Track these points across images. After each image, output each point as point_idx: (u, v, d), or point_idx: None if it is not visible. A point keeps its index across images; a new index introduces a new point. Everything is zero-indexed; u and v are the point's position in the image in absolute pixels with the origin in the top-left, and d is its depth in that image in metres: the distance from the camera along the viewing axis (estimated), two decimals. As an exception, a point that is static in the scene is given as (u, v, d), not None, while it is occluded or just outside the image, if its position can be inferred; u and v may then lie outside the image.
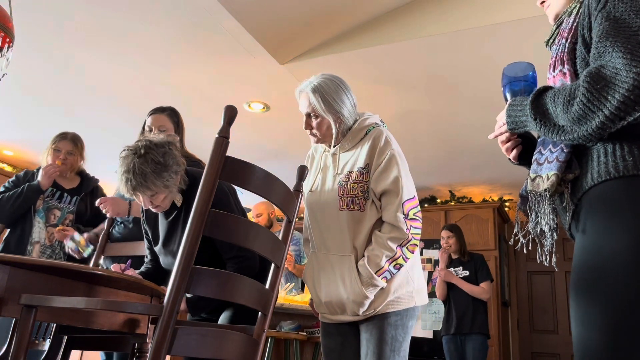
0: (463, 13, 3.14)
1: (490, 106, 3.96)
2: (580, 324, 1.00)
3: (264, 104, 4.18)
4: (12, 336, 1.79)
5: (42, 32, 3.34)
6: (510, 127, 1.20)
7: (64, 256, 2.92)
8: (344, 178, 1.84)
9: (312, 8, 3.20)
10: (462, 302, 4.17)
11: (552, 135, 1.07)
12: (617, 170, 1.00)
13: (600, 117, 0.96)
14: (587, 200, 1.05)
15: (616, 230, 0.97)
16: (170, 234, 1.99)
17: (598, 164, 1.04)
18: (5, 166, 5.93)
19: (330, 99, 1.85)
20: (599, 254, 0.99)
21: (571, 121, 1.01)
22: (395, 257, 1.75)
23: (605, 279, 0.96)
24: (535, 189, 1.15)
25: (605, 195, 1.01)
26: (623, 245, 0.95)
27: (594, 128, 0.98)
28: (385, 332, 1.75)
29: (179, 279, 1.18)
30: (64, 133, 3.05)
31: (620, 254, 0.95)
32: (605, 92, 0.95)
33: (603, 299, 0.96)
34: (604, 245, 0.98)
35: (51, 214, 2.91)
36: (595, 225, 1.02)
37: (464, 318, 4.12)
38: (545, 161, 1.15)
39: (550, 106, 1.05)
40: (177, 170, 1.83)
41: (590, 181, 1.04)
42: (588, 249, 1.02)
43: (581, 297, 1.00)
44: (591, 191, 1.04)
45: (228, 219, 1.29)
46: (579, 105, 0.98)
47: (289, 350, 3.62)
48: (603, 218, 1.01)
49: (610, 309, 0.94)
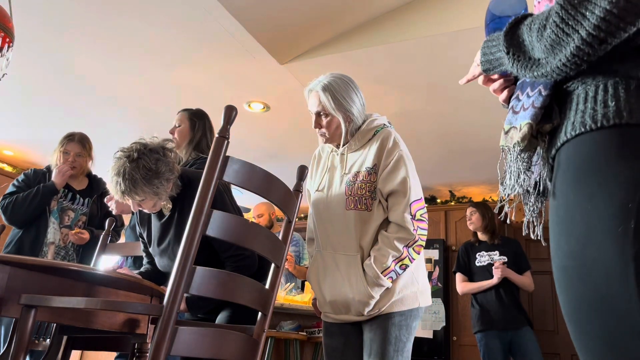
0: (463, 13, 3.14)
1: (491, 106, 3.96)
2: (572, 335, 0.80)
3: (264, 104, 4.18)
4: (12, 336, 1.79)
5: (42, 32, 3.34)
6: (484, 68, 0.99)
7: (77, 257, 2.93)
8: (352, 178, 1.85)
9: (312, 8, 3.20)
10: (509, 293, 3.59)
11: (527, 71, 0.86)
12: (594, 120, 0.78)
13: (576, 40, 0.75)
14: (558, 161, 0.85)
15: (591, 203, 0.75)
16: (163, 236, 1.98)
17: (575, 113, 0.82)
18: (5, 166, 5.93)
19: (341, 97, 1.86)
20: (570, 234, 0.78)
21: (545, 50, 0.81)
22: (401, 258, 1.76)
23: (582, 275, 0.75)
24: (508, 144, 0.95)
25: (578, 155, 0.80)
26: (600, 222, 0.73)
27: (568, 56, 0.77)
28: (389, 332, 1.75)
29: (179, 278, 1.18)
30: (71, 134, 3.04)
31: (594, 235, 0.74)
32: (584, 7, 0.74)
33: (580, 300, 0.76)
34: (576, 221, 0.77)
35: (65, 215, 2.92)
36: (564, 196, 0.81)
37: (510, 311, 3.54)
38: (521, 108, 0.94)
39: (527, 36, 0.85)
40: (169, 177, 1.81)
41: (564, 136, 0.83)
42: (560, 227, 0.81)
43: (561, 294, 0.81)
44: (563, 149, 0.83)
45: (227, 218, 1.29)
46: (551, 28, 0.79)
47: (289, 350, 3.61)
48: (573, 186, 0.79)
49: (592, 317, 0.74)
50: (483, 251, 3.74)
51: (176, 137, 2.57)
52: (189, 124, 2.57)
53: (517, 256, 3.68)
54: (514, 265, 3.64)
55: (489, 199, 6.03)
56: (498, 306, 3.56)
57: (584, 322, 0.76)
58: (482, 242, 3.80)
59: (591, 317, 0.74)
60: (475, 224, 3.81)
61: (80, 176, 3.07)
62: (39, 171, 3.03)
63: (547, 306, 5.51)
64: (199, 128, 2.58)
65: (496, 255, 3.67)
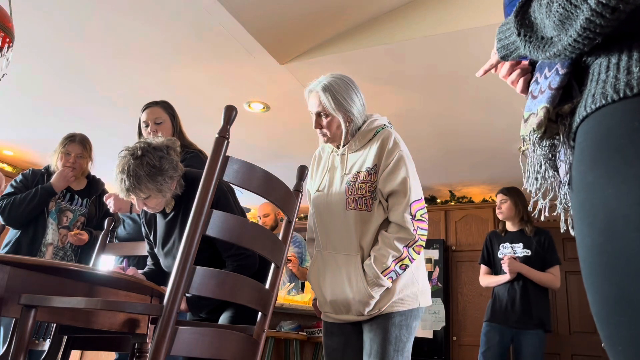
0: (463, 13, 3.14)
1: (491, 106, 3.97)
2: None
3: (263, 104, 4.18)
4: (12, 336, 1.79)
5: (41, 32, 3.34)
6: (501, 55, 0.90)
7: (75, 258, 2.93)
8: (352, 178, 1.85)
9: (312, 8, 3.20)
10: (523, 290, 3.33)
11: (540, 52, 0.77)
12: (615, 90, 0.67)
13: (585, 11, 0.66)
14: (578, 139, 0.74)
15: (611, 186, 0.64)
16: (167, 236, 1.99)
17: (597, 84, 0.71)
18: (5, 166, 5.93)
19: (341, 97, 1.86)
20: (592, 225, 0.67)
21: (555, 27, 0.73)
22: (401, 258, 1.76)
23: (607, 272, 0.65)
24: (526, 133, 0.85)
25: (597, 130, 0.69)
26: (621, 210, 0.63)
27: (579, 30, 0.68)
28: (389, 332, 1.75)
29: (179, 278, 1.18)
30: (72, 135, 3.03)
31: (617, 225, 0.63)
32: None
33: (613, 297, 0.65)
34: (597, 209, 0.66)
35: (63, 216, 2.92)
36: (582, 179, 0.70)
37: (515, 309, 3.32)
38: (539, 92, 0.85)
39: (538, 14, 0.76)
40: (172, 175, 1.82)
41: (583, 110, 0.72)
42: (581, 216, 0.70)
43: (588, 292, 0.71)
44: (582, 125, 0.73)
45: (227, 218, 1.29)
46: (558, 2, 0.70)
47: (289, 350, 3.61)
48: (591, 166, 0.68)
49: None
50: (507, 242, 3.46)
51: (161, 135, 2.54)
52: (168, 117, 2.55)
53: (543, 250, 3.34)
54: (537, 259, 3.32)
55: (489, 198, 6.03)
56: (506, 301, 3.36)
57: (612, 325, 0.66)
58: (508, 233, 3.50)
59: (619, 320, 0.65)
60: (505, 213, 3.46)
61: (80, 177, 3.07)
62: (37, 171, 3.02)
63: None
64: (176, 119, 2.58)
65: (519, 248, 3.37)
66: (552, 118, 0.79)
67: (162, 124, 2.50)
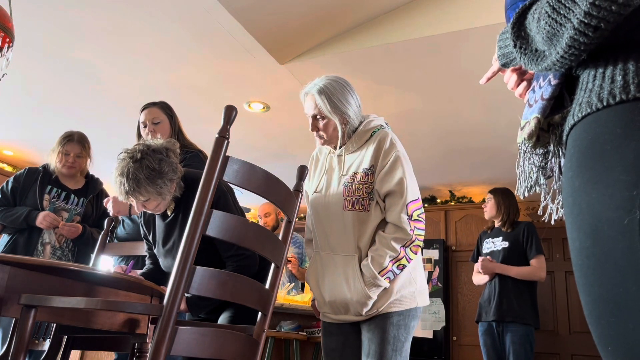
0: (463, 13, 3.14)
1: (491, 106, 3.97)
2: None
3: (263, 104, 4.18)
4: (12, 336, 1.79)
5: (41, 32, 3.34)
6: (501, 62, 0.91)
7: (73, 257, 2.93)
8: (349, 179, 1.86)
9: (311, 8, 3.20)
10: (503, 284, 3.34)
11: (533, 64, 0.78)
12: (599, 99, 0.69)
13: (569, 30, 0.67)
14: (567, 147, 0.76)
15: (595, 191, 0.66)
16: (167, 236, 1.99)
17: (584, 94, 0.73)
18: (5, 166, 5.93)
19: (336, 99, 1.87)
20: (580, 228, 0.69)
21: (544, 42, 0.74)
22: (398, 258, 1.76)
23: (596, 274, 0.67)
24: (520, 141, 0.88)
25: (583, 138, 0.71)
26: (605, 214, 0.64)
27: (564, 47, 0.69)
28: (388, 331, 1.76)
29: (179, 278, 1.18)
30: (70, 134, 3.01)
31: (602, 229, 0.65)
32: None
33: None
34: (584, 213, 0.68)
35: (59, 216, 2.90)
36: (570, 184, 0.72)
37: (494, 303, 3.34)
38: (534, 101, 0.87)
39: (532, 26, 0.77)
40: (172, 177, 1.82)
41: (571, 119, 0.74)
42: (570, 220, 0.72)
43: (581, 294, 0.72)
44: (571, 133, 0.75)
45: (227, 218, 1.29)
46: (544, 19, 0.71)
47: (289, 350, 3.61)
48: (578, 172, 0.70)
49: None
50: (490, 238, 3.53)
51: (159, 135, 2.54)
52: (166, 118, 2.54)
53: (521, 241, 3.36)
54: (515, 252, 3.36)
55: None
56: (487, 296, 3.42)
57: (603, 326, 0.67)
58: (494, 229, 3.56)
59: (609, 321, 0.66)
60: (488, 212, 3.58)
61: (78, 176, 3.06)
62: (33, 170, 2.98)
63: (547, 306, 5.51)
64: (174, 119, 2.58)
65: (499, 241, 3.44)
66: (543, 128, 0.82)
67: (159, 124, 2.50)
